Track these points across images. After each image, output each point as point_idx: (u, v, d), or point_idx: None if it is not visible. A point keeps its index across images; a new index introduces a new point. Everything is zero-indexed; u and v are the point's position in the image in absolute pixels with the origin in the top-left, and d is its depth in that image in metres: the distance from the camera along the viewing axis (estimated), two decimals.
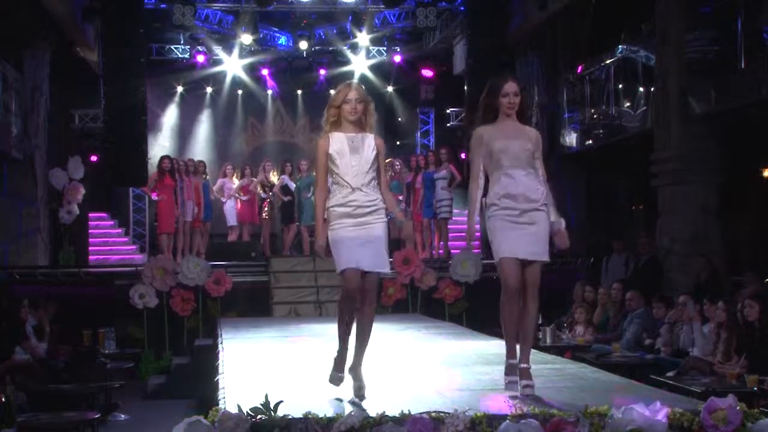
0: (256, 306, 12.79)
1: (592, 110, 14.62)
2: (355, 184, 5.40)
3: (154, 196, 15.10)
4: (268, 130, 21.00)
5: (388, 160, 16.21)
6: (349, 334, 5.53)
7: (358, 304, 5.42)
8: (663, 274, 11.76)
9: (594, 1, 14.75)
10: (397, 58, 19.73)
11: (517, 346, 5.49)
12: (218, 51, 19.33)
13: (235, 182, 16.13)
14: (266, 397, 4.51)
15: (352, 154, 5.42)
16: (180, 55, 19.41)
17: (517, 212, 5.45)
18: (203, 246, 15.60)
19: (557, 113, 15.88)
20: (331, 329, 9.68)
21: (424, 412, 4.53)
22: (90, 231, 17.44)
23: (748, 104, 10.58)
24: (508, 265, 5.41)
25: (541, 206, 5.49)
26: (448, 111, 20.23)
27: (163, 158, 15.22)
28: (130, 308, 12.32)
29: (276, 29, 19.39)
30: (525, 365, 5.37)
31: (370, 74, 20.01)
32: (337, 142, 5.45)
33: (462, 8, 17.00)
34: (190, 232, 15.35)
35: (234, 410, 4.45)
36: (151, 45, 18.19)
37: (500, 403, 4.99)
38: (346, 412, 4.55)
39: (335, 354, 5.59)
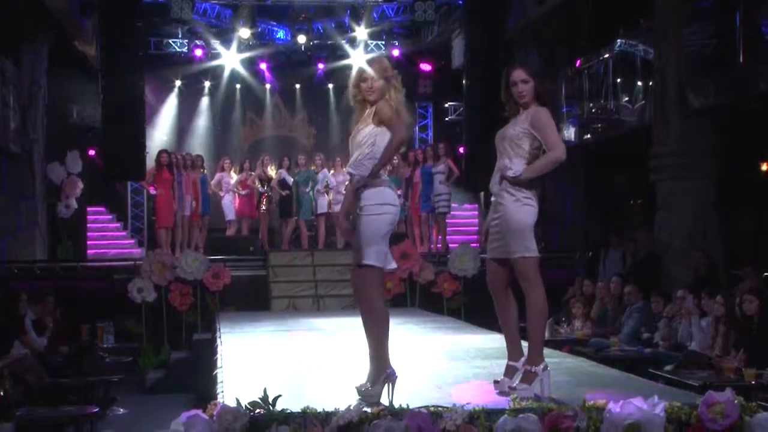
0: (255, 300, 12.79)
1: (591, 104, 14.60)
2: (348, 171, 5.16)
3: (152, 191, 15.10)
4: (266, 124, 20.98)
5: None
6: None
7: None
8: (661, 269, 11.77)
9: None
10: (396, 53, 19.68)
11: (525, 346, 5.35)
12: (216, 45, 19.29)
13: (233, 176, 16.13)
14: (265, 391, 4.51)
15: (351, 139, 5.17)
16: (178, 50, 19.37)
17: (492, 206, 5.33)
18: (201, 240, 15.60)
19: (555, 107, 15.87)
20: (329, 323, 9.73)
21: (422, 407, 4.54)
22: (88, 225, 17.44)
23: (746, 99, 10.57)
24: (486, 264, 5.41)
25: (502, 191, 5.17)
26: (446, 105, 20.22)
27: (161, 152, 15.22)
28: (129, 302, 12.32)
29: (274, 23, 19.37)
30: (525, 367, 5.12)
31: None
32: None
33: (460, 2, 16.97)
34: (189, 227, 15.35)
35: (232, 404, 4.46)
36: (149, 39, 18.15)
37: (499, 397, 4.99)
38: (345, 406, 4.55)
39: (376, 366, 4.98)
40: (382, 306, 5.00)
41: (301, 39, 18.68)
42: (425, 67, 20.16)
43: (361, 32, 19.00)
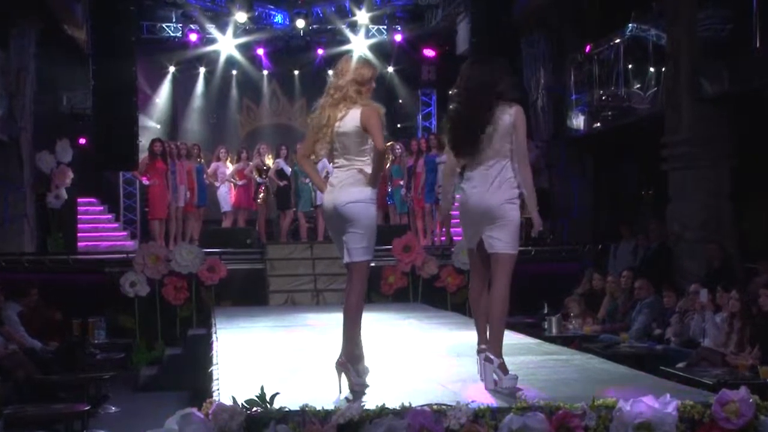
0: (252, 294, 12.80)
1: (601, 92, 14.58)
2: None
3: (145, 181, 15.09)
4: (263, 112, 20.98)
5: (389, 144, 16.25)
6: None
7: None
8: (673, 262, 11.77)
9: None
10: (398, 38, 19.68)
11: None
12: (212, 29, 19.27)
13: (229, 166, 16.12)
14: (262, 389, 4.51)
15: None
16: (172, 34, 19.34)
17: None
18: (197, 232, 15.59)
19: (564, 95, 15.86)
20: (329, 318, 9.73)
21: (425, 405, 4.54)
22: (79, 216, 17.41)
23: (762, 85, 10.55)
24: None
25: None
26: (450, 92, 20.15)
27: (154, 141, 15.20)
28: (121, 297, 12.33)
29: (272, 7, 19.32)
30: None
31: (369, 54, 19.93)
32: None
33: None
34: (183, 218, 15.35)
35: (229, 402, 4.46)
36: (141, 23, 18.12)
37: (504, 395, 4.99)
38: (345, 404, 4.55)
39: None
40: None
41: (300, 23, 18.64)
42: (429, 52, 20.13)
43: (362, 16, 18.98)
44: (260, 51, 19.99)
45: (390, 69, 20.53)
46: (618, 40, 14.04)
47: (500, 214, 5.34)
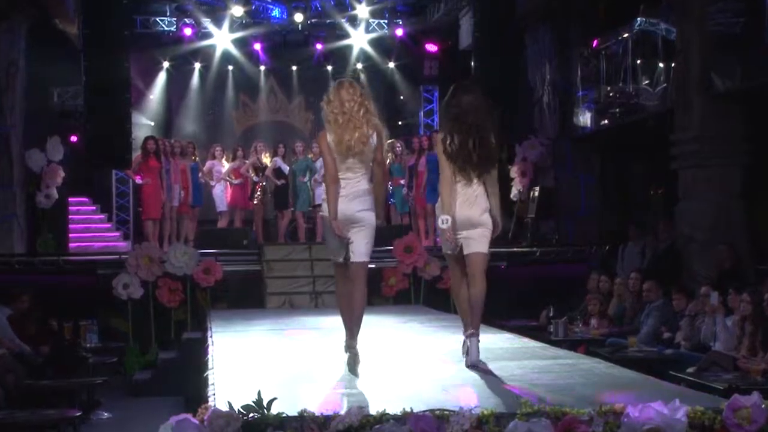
0: (249, 297, 12.80)
1: (608, 88, 14.58)
2: None
3: (139, 180, 15.08)
4: (260, 108, 20.99)
5: (389, 141, 16.25)
6: None
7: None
8: (683, 263, 11.77)
9: None
10: (399, 32, 19.67)
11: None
12: (207, 24, 19.26)
13: (225, 165, 16.12)
14: (259, 394, 4.50)
15: None
16: (166, 28, 19.33)
17: None
18: (192, 233, 15.59)
19: (570, 91, 15.84)
20: (328, 321, 9.74)
21: (427, 410, 4.53)
22: (70, 216, 17.43)
23: None
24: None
25: None
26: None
27: (147, 139, 15.18)
28: (114, 299, 12.33)
29: (269, 0, 19.33)
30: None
31: (370, 49, 19.97)
32: None
33: None
34: (178, 218, 15.35)
35: (225, 408, 4.46)
36: (135, 17, 18.11)
37: (509, 400, 4.99)
38: (345, 409, 4.54)
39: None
40: None
41: (298, 17, 18.65)
42: (431, 47, 20.13)
43: (362, 10, 18.99)
44: (257, 46, 19.98)
45: (391, 64, 20.53)
46: (626, 35, 14.04)
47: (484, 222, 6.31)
